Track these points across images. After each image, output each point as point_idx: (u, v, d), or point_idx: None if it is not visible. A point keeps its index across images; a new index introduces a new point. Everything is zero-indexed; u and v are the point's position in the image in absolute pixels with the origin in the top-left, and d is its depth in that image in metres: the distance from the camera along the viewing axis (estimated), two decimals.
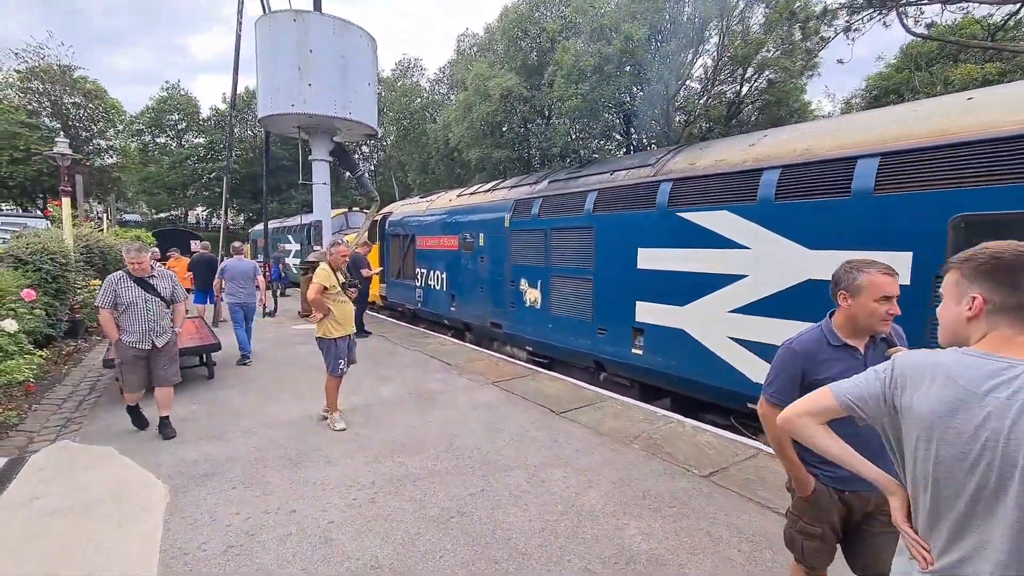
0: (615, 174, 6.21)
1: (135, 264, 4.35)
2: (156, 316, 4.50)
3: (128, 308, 4.36)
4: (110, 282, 4.34)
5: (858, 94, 25.88)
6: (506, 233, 7.79)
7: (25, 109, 33.74)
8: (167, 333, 4.66)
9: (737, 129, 23.42)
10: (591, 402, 5.46)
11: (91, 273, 9.90)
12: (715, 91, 24.24)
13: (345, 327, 4.72)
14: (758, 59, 20.86)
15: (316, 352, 8.15)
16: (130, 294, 4.37)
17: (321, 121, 10.53)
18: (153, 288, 4.49)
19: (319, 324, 4.68)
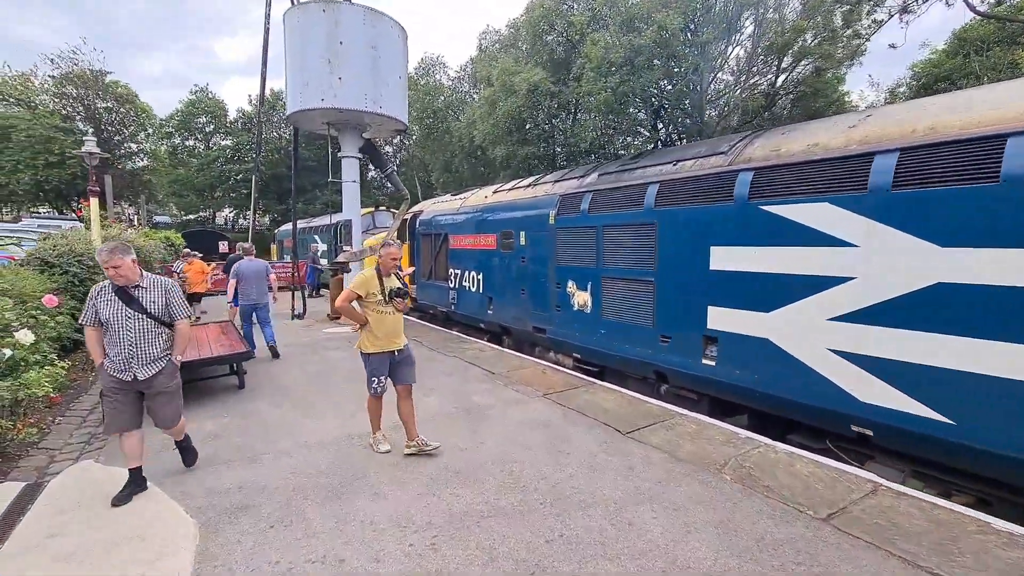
0: (679, 164, 5.60)
1: (111, 269, 3.29)
2: (139, 338, 3.38)
3: (107, 327, 3.36)
4: (92, 293, 3.41)
5: (903, 83, 24.56)
6: (550, 231, 7.23)
7: (60, 114, 34.49)
8: (158, 362, 3.48)
9: (771, 123, 22.38)
10: (659, 419, 4.87)
11: None
12: (749, 83, 23.20)
13: (384, 342, 3.96)
14: (798, 47, 19.82)
15: (351, 359, 7.87)
16: (108, 308, 3.34)
17: (351, 116, 10.12)
18: (136, 302, 3.39)
19: (361, 334, 4.12)
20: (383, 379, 4.07)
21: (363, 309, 3.96)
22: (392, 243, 3.99)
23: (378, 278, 3.94)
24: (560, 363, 7.46)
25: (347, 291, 3.91)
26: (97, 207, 8.45)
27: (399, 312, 4.00)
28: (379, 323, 3.93)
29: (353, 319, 3.95)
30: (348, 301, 3.88)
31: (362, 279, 3.91)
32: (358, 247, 11.07)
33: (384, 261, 3.99)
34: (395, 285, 3.98)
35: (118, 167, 38.17)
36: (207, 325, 7.51)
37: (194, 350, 5.85)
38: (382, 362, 4.03)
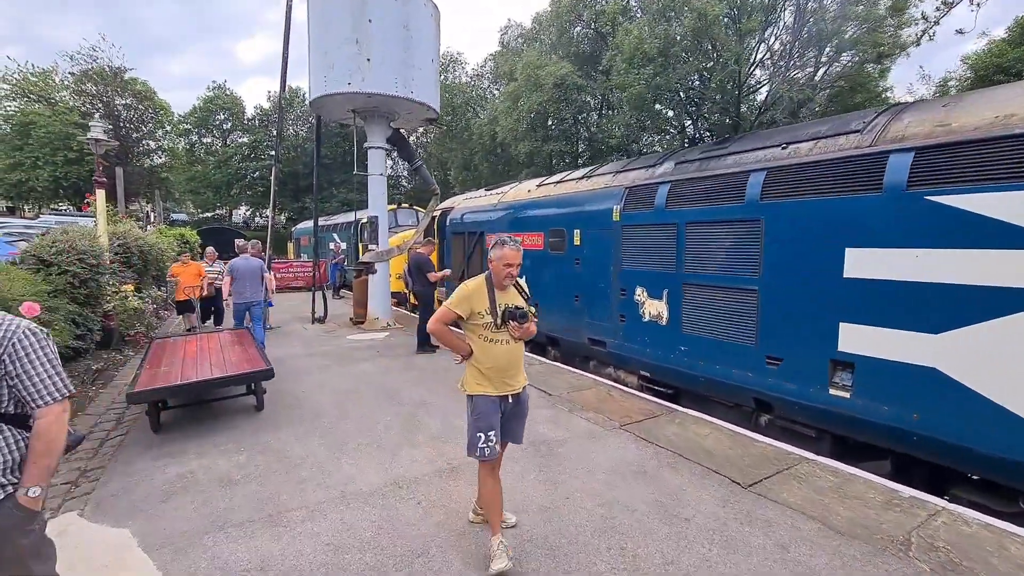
0: (791, 147, 4.58)
1: None
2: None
3: None
4: None
5: (953, 76, 23.13)
6: (614, 229, 6.25)
7: (79, 110, 34.26)
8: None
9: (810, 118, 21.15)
10: (781, 465, 3.86)
11: (129, 275, 8.89)
12: (788, 76, 21.92)
13: (494, 381, 2.75)
14: (848, 36, 18.57)
15: (386, 372, 6.89)
16: None
17: (380, 103, 9.23)
18: None
19: (466, 368, 2.88)
20: (492, 436, 2.72)
21: (466, 333, 2.84)
22: (509, 242, 2.78)
23: (488, 291, 2.74)
24: (621, 381, 6.47)
25: (443, 309, 2.74)
26: (103, 200, 7.66)
27: (517, 340, 2.76)
28: (487, 354, 2.73)
29: (451, 348, 2.82)
30: (443, 323, 2.76)
31: (464, 293, 2.73)
32: (384, 246, 10.18)
33: (496, 267, 2.73)
34: (512, 302, 2.76)
35: (136, 164, 38.05)
36: (221, 333, 6.66)
37: (205, 365, 4.97)
38: (491, 410, 2.75)
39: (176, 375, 4.62)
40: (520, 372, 2.88)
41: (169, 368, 4.90)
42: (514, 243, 2.74)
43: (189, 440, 4.44)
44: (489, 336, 2.73)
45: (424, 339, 7.73)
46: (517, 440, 3.00)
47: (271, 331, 9.63)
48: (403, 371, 6.72)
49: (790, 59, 20.79)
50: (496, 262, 2.73)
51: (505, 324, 2.69)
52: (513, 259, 2.72)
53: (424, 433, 4.54)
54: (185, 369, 4.82)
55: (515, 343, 2.76)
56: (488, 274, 2.81)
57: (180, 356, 5.39)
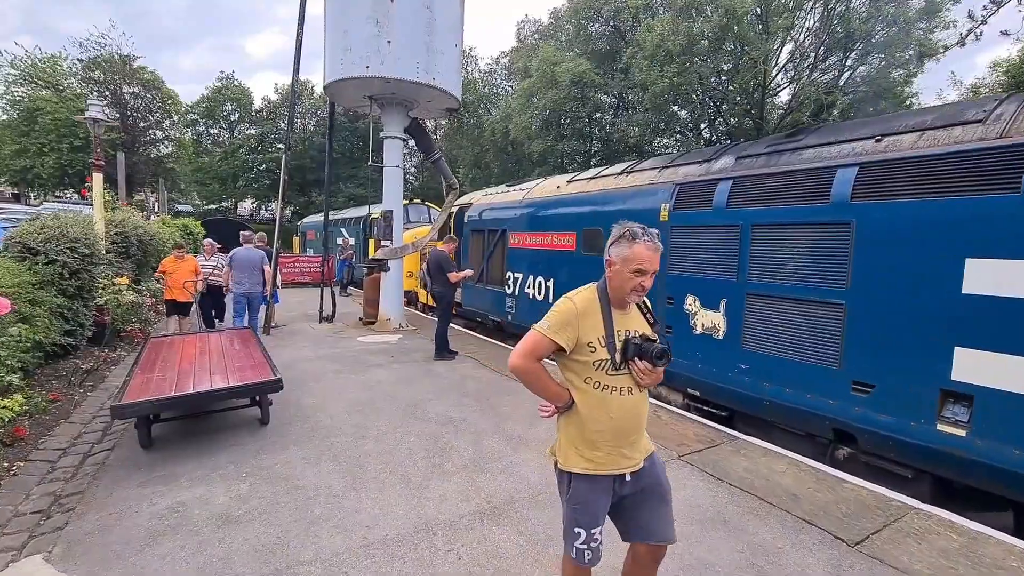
0: (887, 140, 3.95)
1: None
2: None
3: None
4: None
5: (984, 83, 22.38)
6: (662, 229, 5.61)
7: (86, 98, 33.69)
8: None
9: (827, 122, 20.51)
10: (888, 517, 3.22)
11: (127, 267, 8.30)
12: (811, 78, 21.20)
13: (613, 452, 1.86)
14: (879, 39, 17.90)
15: (403, 381, 6.20)
16: None
17: (399, 89, 8.63)
18: None
19: (559, 424, 1.98)
20: (598, 535, 1.88)
21: (563, 375, 1.93)
22: (641, 235, 1.94)
23: (603, 313, 1.86)
24: (662, 398, 5.85)
25: (534, 337, 1.84)
26: (100, 184, 7.08)
27: (642, 387, 1.90)
28: (598, 408, 1.83)
29: (543, 395, 1.91)
30: (535, 358, 1.84)
31: (568, 313, 1.83)
32: (399, 242, 9.58)
33: (618, 275, 1.84)
34: (637, 329, 1.90)
35: (142, 153, 37.61)
36: (223, 333, 6.06)
37: (204, 373, 4.36)
38: (598, 496, 1.86)
39: (171, 384, 4.02)
40: (642, 435, 1.94)
41: (163, 375, 4.30)
42: (649, 237, 1.83)
43: (183, 460, 3.84)
44: (602, 381, 1.82)
45: (443, 344, 7.12)
46: (663, 537, 1.95)
47: (276, 329, 9.05)
48: (422, 380, 6.12)
49: (816, 60, 20.11)
50: (619, 266, 1.82)
51: (627, 363, 1.83)
52: (648, 262, 1.80)
53: (454, 459, 3.93)
54: (181, 377, 4.22)
55: (640, 393, 1.89)
56: (601, 285, 1.91)
57: (177, 360, 4.79)
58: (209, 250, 8.59)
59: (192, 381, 4.11)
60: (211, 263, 8.18)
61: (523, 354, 1.86)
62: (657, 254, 1.85)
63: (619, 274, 1.85)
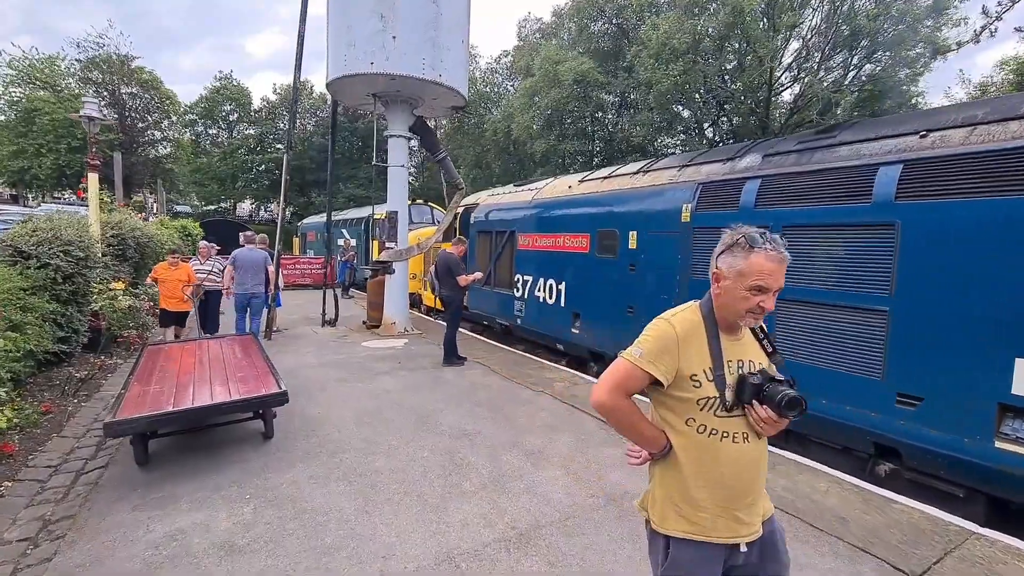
0: (934, 135, 3.70)
1: None
2: None
3: None
4: None
5: (991, 81, 22.18)
6: (683, 232, 5.38)
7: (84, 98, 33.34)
8: None
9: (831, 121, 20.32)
10: (947, 543, 2.97)
11: (124, 270, 8.04)
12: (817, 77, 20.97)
13: (725, 514, 1.48)
14: (888, 36, 17.68)
15: (412, 389, 5.89)
16: None
17: (405, 86, 8.37)
18: None
19: (652, 475, 1.63)
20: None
21: (657, 414, 1.57)
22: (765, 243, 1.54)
23: (708, 338, 1.49)
24: None
25: (623, 366, 1.50)
26: (96, 185, 6.82)
27: (761, 435, 1.52)
28: (705, 457, 1.48)
29: (633, 437, 1.56)
30: (622, 394, 1.49)
31: (663, 335, 1.49)
32: (404, 244, 9.32)
33: (730, 291, 1.45)
34: (753, 359, 1.53)
35: (140, 154, 37.35)
36: (223, 340, 5.79)
37: (204, 384, 4.10)
38: (705, 568, 1.49)
39: (168, 397, 3.76)
40: (762, 495, 1.56)
41: (160, 386, 4.04)
42: (772, 244, 1.42)
43: (182, 479, 3.58)
44: (709, 424, 1.46)
45: (452, 350, 6.86)
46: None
47: (278, 333, 8.79)
48: (431, 388, 5.86)
49: (822, 59, 19.86)
50: (731, 281, 1.43)
51: (742, 405, 1.46)
52: (771, 277, 1.40)
53: (473, 478, 3.67)
54: (180, 389, 3.96)
55: (758, 440, 1.51)
56: (705, 305, 1.52)
57: (175, 370, 4.53)
58: (205, 253, 8.08)
59: (191, 394, 3.85)
60: (206, 267, 7.71)
61: (610, 388, 1.48)
62: (783, 266, 1.42)
63: (731, 291, 1.44)
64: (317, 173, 38.79)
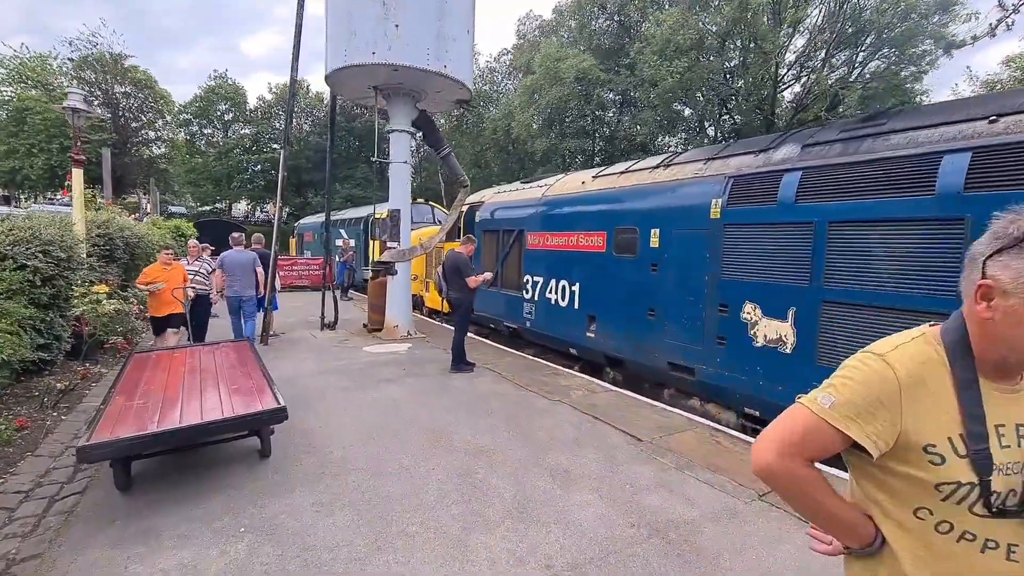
0: (1004, 120, 3.33)
1: None
2: None
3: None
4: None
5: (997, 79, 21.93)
6: (712, 229, 5.00)
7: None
8: None
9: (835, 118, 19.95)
10: None
11: (113, 272, 7.61)
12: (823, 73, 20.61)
13: None
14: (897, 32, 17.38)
15: (420, 399, 5.41)
16: None
17: (408, 78, 7.98)
18: None
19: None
20: None
21: (861, 486, 1.08)
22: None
23: (955, 382, 0.96)
24: (710, 416, 5.23)
25: (803, 417, 1.02)
26: (81, 181, 6.40)
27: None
28: (954, 572, 0.96)
29: (818, 520, 1.10)
30: (800, 458, 1.01)
31: (873, 378, 0.98)
32: (407, 243, 8.92)
33: (1000, 322, 0.92)
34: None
35: (134, 154, 36.84)
36: (216, 347, 5.38)
37: (194, 398, 3.70)
38: None
39: (152, 415, 3.35)
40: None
41: (145, 401, 3.63)
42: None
43: (167, 507, 3.17)
44: (959, 523, 0.95)
45: (460, 356, 6.47)
46: None
47: (275, 338, 8.38)
48: (440, 397, 5.46)
49: (827, 54, 19.51)
50: (1020, 300, 0.89)
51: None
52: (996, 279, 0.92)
53: (496, 504, 3.27)
54: (167, 404, 3.55)
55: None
56: (951, 335, 1.00)
57: (162, 381, 4.12)
58: (195, 252, 7.48)
59: (179, 410, 3.44)
60: (193, 267, 7.07)
61: (781, 449, 1.01)
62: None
63: (1018, 315, 0.90)
64: (313, 173, 38.31)
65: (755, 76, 18.90)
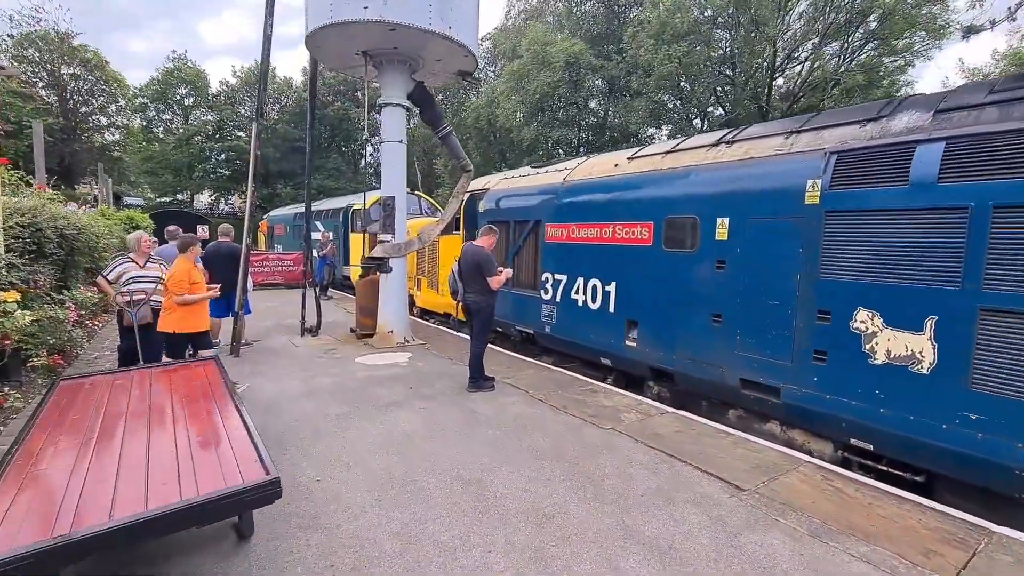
0: None
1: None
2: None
3: None
4: None
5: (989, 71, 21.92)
6: (809, 216, 4.04)
7: (18, 79, 30.20)
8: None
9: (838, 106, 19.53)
10: None
11: (42, 271, 6.20)
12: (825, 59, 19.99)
13: None
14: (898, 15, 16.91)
15: (439, 431, 4.24)
16: None
17: (404, 41, 6.77)
18: None
19: None
20: None
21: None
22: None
23: None
24: (793, 445, 4.31)
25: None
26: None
27: None
28: None
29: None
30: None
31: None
32: (402, 236, 7.73)
33: None
34: None
35: (84, 141, 34.16)
36: (172, 368, 4.12)
37: (137, 475, 2.49)
38: None
39: (69, 498, 2.15)
40: None
41: (59, 469, 2.42)
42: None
43: None
44: None
45: (480, 371, 5.37)
46: None
47: (248, 347, 7.11)
48: (466, 429, 4.36)
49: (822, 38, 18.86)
50: None
51: None
52: None
53: None
54: (93, 475, 2.35)
55: None
56: None
57: (93, 428, 2.90)
58: (147, 249, 5.49)
59: (113, 489, 2.25)
60: (152, 273, 5.33)
61: None
62: None
63: None
64: (282, 163, 36.25)
65: (748, 65, 18.23)
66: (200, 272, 5.29)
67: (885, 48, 18.43)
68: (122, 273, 5.20)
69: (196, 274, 5.10)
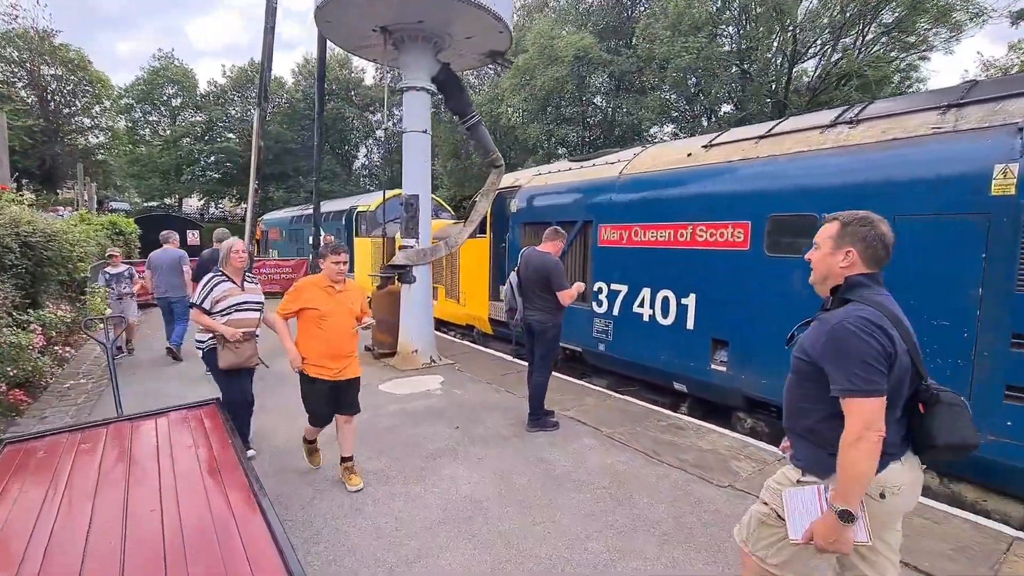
0: None
1: None
2: None
3: None
4: None
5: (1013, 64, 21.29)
6: (996, 212, 3.11)
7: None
8: None
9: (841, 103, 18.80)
10: None
11: (5, 287, 5.13)
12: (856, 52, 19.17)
13: None
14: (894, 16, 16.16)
15: (522, 497, 2.65)
16: None
17: (429, 13, 5.79)
18: None
19: None
20: None
21: None
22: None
23: None
24: (963, 503, 3.36)
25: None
26: None
27: None
28: None
29: None
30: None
31: None
32: (426, 241, 6.73)
33: None
34: None
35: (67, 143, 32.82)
36: (160, 416, 3.08)
37: None
38: None
39: None
40: None
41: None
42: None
43: None
44: None
45: (540, 404, 4.38)
46: None
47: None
48: (549, 492, 3.36)
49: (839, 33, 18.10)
50: None
51: None
52: None
53: None
54: None
55: None
56: None
57: (44, 532, 1.87)
58: (237, 264, 3.70)
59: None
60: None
61: None
62: None
63: None
64: (275, 165, 35.05)
65: (764, 58, 17.42)
66: None
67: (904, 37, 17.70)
68: (221, 297, 3.50)
69: None
